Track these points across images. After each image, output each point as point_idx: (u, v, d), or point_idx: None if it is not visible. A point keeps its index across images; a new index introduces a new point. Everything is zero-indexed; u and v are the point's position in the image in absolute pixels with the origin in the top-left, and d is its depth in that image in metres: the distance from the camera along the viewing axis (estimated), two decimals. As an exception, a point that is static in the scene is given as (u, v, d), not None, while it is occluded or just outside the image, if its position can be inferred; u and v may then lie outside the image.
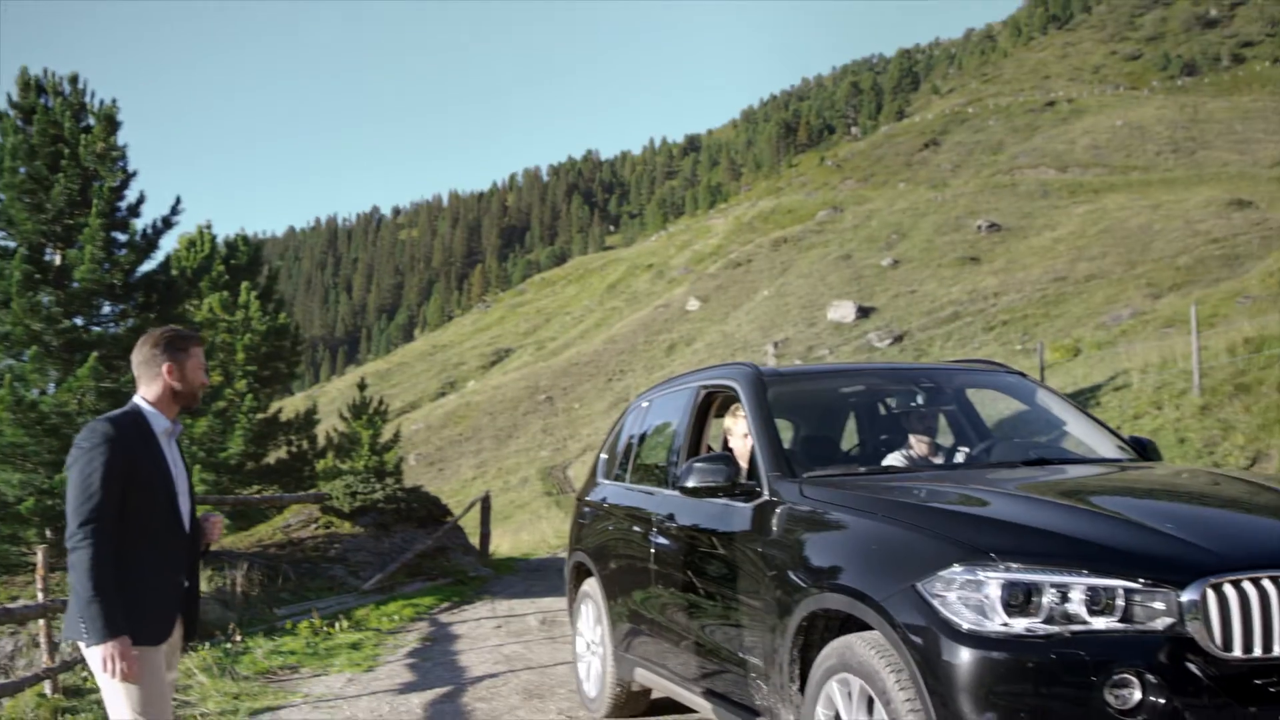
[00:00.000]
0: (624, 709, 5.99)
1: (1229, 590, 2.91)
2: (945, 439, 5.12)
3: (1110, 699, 2.82)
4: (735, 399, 5.07)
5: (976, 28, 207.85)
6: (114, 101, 13.42)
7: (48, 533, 12.67)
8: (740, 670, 4.24)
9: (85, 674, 8.89)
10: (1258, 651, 2.89)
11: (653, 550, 5.22)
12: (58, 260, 13.18)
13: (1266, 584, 2.92)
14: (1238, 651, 2.88)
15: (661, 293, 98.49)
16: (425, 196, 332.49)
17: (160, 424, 3.61)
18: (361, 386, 22.82)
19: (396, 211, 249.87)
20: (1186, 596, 2.91)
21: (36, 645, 9.42)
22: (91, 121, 13.41)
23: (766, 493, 4.22)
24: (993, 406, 5.66)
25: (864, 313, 67.17)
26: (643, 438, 6.17)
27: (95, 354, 11.95)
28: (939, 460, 4.77)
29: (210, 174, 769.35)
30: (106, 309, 13.31)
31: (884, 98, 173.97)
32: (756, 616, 4.05)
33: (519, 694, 7.10)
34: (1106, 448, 4.76)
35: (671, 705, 6.21)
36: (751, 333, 72.70)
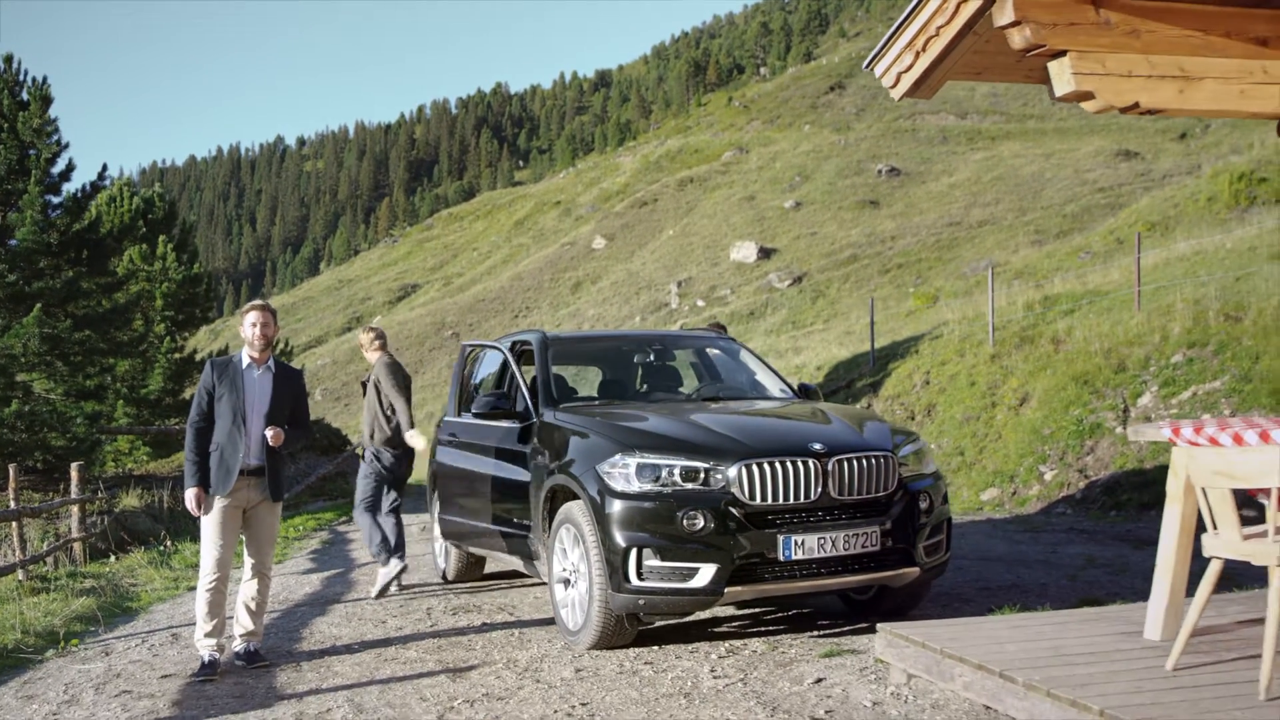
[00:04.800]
0: (465, 575, 8.37)
1: (755, 468, 5.37)
2: (690, 381, 7.61)
3: (685, 523, 5.26)
4: (530, 351, 7.35)
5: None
6: (46, 79, 15.10)
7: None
8: (521, 531, 6.60)
9: (48, 567, 11.02)
10: (769, 501, 5.38)
11: (470, 459, 7.56)
12: (-2, 221, 14.90)
13: (777, 464, 5.38)
14: (758, 500, 5.35)
15: (568, 230, 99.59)
16: (331, 127, 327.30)
17: (244, 363, 5.79)
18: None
19: (301, 142, 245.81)
20: (732, 471, 5.36)
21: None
22: (26, 98, 15.07)
23: (538, 415, 6.55)
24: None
25: (766, 254, 69.40)
26: (477, 380, 8.50)
27: (39, 305, 13.76)
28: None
29: (107, 100, 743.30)
30: (43, 264, 15.03)
31: (793, 38, 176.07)
32: (527, 494, 6.42)
33: (394, 571, 9.42)
34: (774, 390, 7.21)
35: (502, 574, 8.62)
36: (656, 272, 74.57)
